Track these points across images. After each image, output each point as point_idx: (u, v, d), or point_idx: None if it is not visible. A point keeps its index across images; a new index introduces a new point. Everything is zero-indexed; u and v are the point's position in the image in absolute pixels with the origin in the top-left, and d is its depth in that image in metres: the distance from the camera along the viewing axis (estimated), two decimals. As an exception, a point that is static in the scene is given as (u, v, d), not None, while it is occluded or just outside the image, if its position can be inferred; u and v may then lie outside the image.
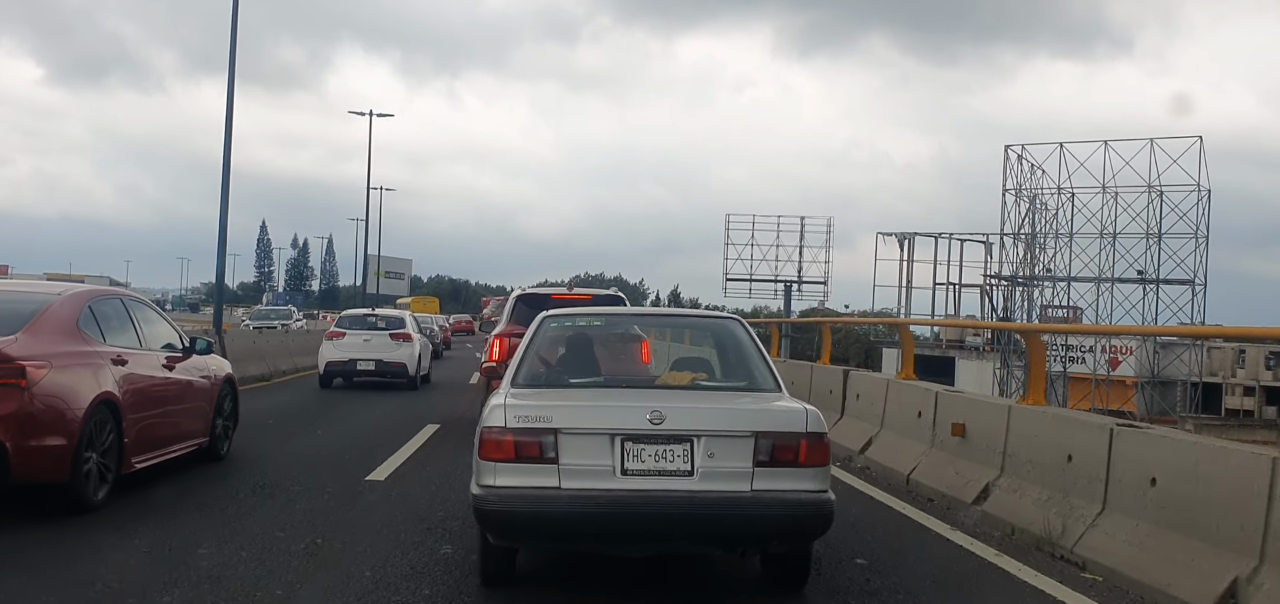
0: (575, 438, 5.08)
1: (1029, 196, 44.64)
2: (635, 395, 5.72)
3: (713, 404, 5.56)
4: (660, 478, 5.05)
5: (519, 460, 5.05)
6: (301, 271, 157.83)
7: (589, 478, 5.04)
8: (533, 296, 12.65)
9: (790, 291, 61.99)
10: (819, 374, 12.84)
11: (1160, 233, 41.88)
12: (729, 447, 5.11)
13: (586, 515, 5.03)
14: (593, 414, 5.31)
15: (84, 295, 8.09)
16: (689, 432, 5.10)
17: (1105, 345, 44.48)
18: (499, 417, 5.14)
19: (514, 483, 5.04)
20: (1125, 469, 6.26)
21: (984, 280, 53.83)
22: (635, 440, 5.08)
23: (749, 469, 5.08)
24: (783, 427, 5.20)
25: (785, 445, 5.12)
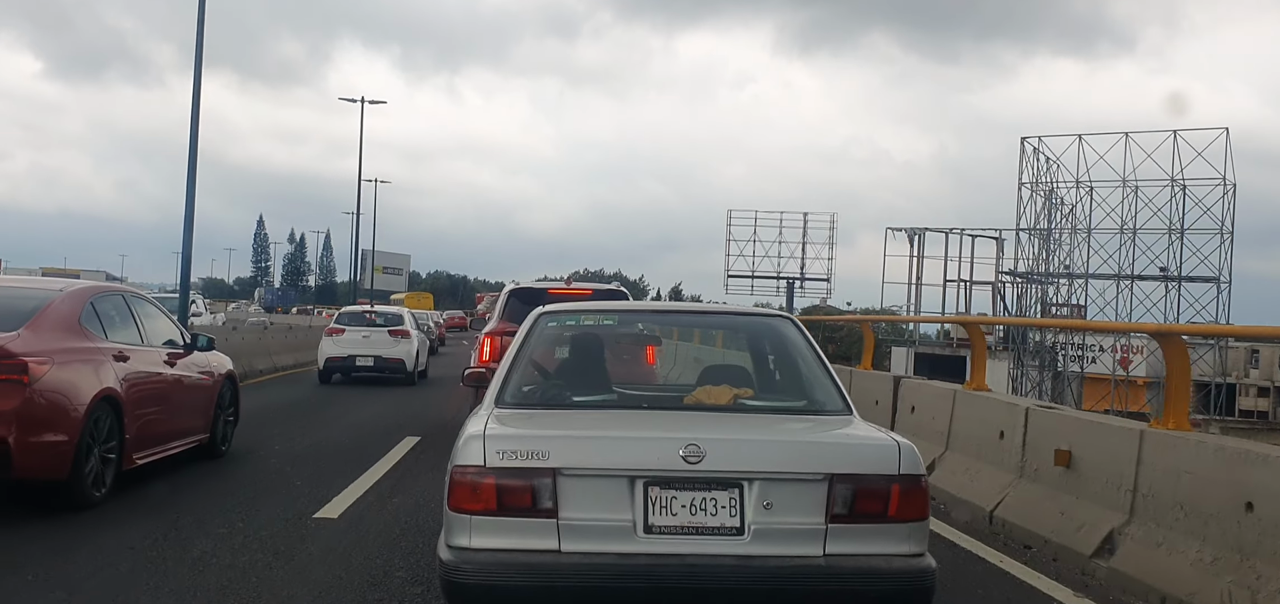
0: (582, 481, 3.79)
1: (1045, 190, 42.93)
2: (661, 421, 4.36)
3: (768, 433, 4.24)
4: (699, 538, 3.76)
5: (504, 512, 3.75)
6: (299, 267, 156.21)
7: (601, 538, 3.75)
8: (527, 291, 11.56)
9: (793, 289, 60.56)
10: (861, 381, 11.03)
11: (1182, 228, 40.19)
12: (793, 494, 3.82)
13: (596, 589, 3.73)
14: (606, 448, 3.95)
15: (86, 292, 8.06)
16: (738, 474, 3.81)
17: (1115, 344, 42.87)
18: (476, 451, 3.83)
19: (497, 544, 3.75)
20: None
21: (996, 277, 52.24)
22: (665, 485, 3.79)
23: (821, 526, 3.81)
24: (867, 466, 3.91)
25: (871, 492, 3.83)
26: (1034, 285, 44.25)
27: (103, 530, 6.44)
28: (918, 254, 51.88)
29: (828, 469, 3.85)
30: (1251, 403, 57.40)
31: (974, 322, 9.74)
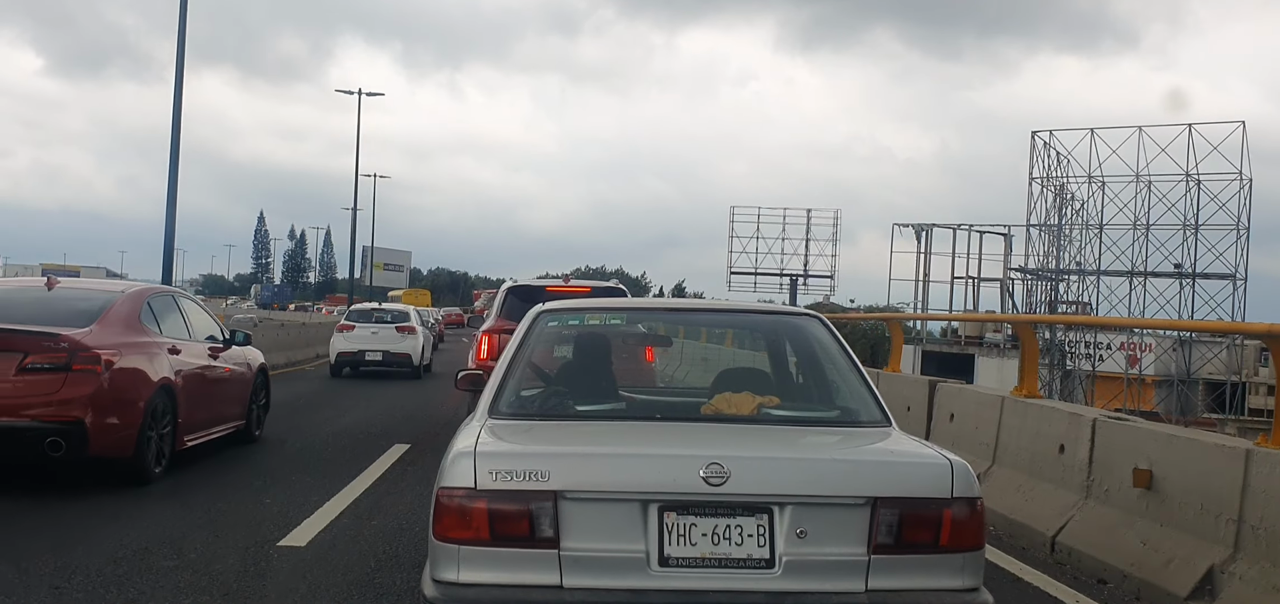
0: (588, 506, 3.29)
1: (1056, 185, 42.03)
2: (677, 434, 3.86)
3: (800, 450, 3.73)
4: (722, 572, 3.27)
5: (498, 542, 3.26)
6: (299, 263, 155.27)
7: (609, 572, 3.26)
8: (526, 289, 11.24)
9: (796, 286, 59.79)
10: (889, 385, 10.09)
11: (1197, 224, 39.27)
12: (831, 521, 3.32)
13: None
14: (615, 466, 3.43)
15: (143, 292, 8.96)
16: (767, 497, 3.31)
17: (1123, 341, 42.01)
18: (466, 470, 3.33)
19: (490, 579, 3.26)
20: None
21: (1004, 274, 51.34)
22: (683, 510, 3.29)
23: (863, 557, 3.30)
24: (916, 489, 3.38)
25: (920, 517, 3.32)
26: (1044, 282, 43.32)
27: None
28: (925, 250, 51.05)
29: (871, 492, 3.35)
30: (1261, 401, 56.57)
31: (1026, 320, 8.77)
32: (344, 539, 6.42)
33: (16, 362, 7.22)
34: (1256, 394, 57.04)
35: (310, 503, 7.40)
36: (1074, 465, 6.62)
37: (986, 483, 7.68)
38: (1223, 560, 5.11)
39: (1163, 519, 5.67)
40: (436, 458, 9.14)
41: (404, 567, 5.77)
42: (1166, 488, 5.68)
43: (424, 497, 7.81)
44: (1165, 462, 5.74)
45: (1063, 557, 6.35)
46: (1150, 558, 5.58)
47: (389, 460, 9.59)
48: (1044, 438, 7.06)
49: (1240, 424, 37.67)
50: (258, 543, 6.20)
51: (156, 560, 5.74)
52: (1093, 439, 6.47)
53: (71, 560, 5.68)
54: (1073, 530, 6.36)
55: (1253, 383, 56.76)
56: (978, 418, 8.09)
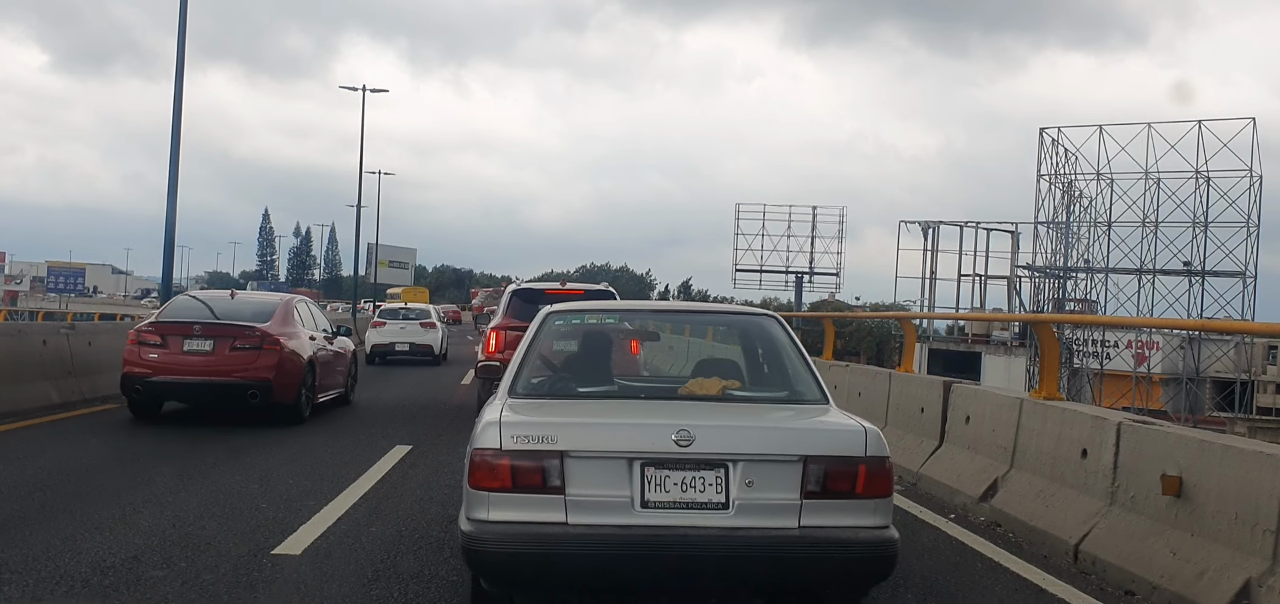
0: (585, 462, 4.21)
1: (1064, 182, 41.68)
2: (657, 409, 4.87)
3: (751, 420, 4.73)
4: (689, 511, 4.20)
5: (517, 490, 4.18)
6: (304, 261, 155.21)
7: (603, 512, 4.18)
8: (528, 291, 12.98)
9: (802, 283, 59.53)
10: (902, 386, 9.85)
11: (1207, 221, 38.92)
12: (772, 473, 4.25)
13: (599, 557, 4.18)
14: (606, 433, 4.37)
15: (292, 299, 13.70)
16: (723, 455, 4.24)
17: (1130, 340, 41.69)
18: (493, 436, 4.24)
19: (511, 517, 4.17)
20: None
21: (1011, 271, 51.04)
22: (659, 465, 4.21)
23: (796, 501, 4.23)
24: (838, 449, 4.33)
25: (840, 472, 4.26)
26: (1051, 279, 42.98)
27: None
28: (931, 248, 50.76)
29: (803, 451, 4.25)
30: (1269, 400, 56.21)
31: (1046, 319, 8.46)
32: (340, 547, 6.18)
33: (229, 344, 11.53)
34: (1265, 392, 56.73)
35: (306, 508, 7.18)
36: (1098, 471, 6.38)
37: (1005, 488, 7.45)
38: (1260, 573, 4.86)
39: (1194, 529, 5.42)
40: (438, 460, 8.91)
41: (402, 577, 5.54)
42: (1198, 496, 5.44)
43: (423, 502, 7.60)
44: (1196, 468, 5.49)
45: (1087, 566, 6.10)
46: (1182, 569, 5.34)
47: (390, 463, 9.36)
48: (1066, 442, 6.81)
49: (1250, 423, 37.35)
50: (251, 551, 5.98)
51: (145, 570, 5.52)
52: (1118, 444, 6.22)
53: (57, 569, 5.47)
54: (1097, 539, 6.12)
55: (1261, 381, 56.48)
56: (995, 421, 7.84)
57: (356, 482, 8.31)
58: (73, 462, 8.90)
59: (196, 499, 7.48)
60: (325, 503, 7.38)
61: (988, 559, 6.48)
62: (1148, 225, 39.88)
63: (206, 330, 11.64)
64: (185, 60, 18.66)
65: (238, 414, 11.69)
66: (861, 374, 11.16)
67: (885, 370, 10.48)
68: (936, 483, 8.39)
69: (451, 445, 10.62)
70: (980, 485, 7.68)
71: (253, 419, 11.53)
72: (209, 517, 6.90)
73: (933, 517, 7.64)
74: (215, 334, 11.58)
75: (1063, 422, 6.94)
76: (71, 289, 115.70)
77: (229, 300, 13.29)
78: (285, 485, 8.11)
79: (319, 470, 8.86)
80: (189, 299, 13.48)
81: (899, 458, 9.32)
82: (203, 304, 12.77)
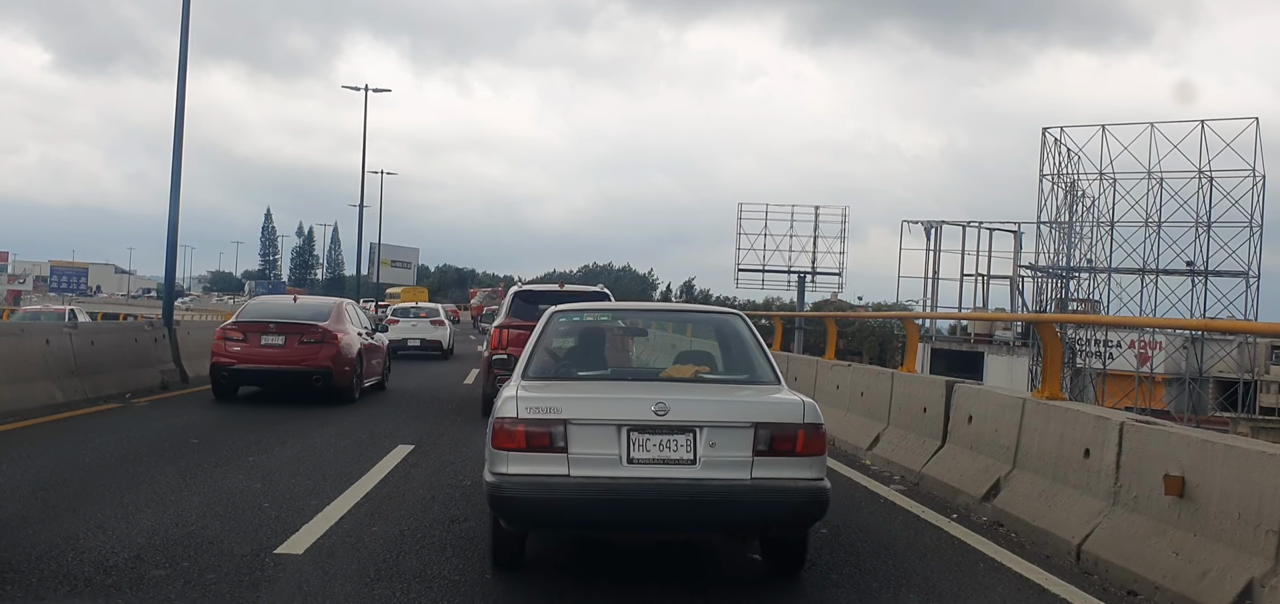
0: (583, 428, 5.19)
1: (1067, 182, 41.63)
2: (641, 388, 5.80)
3: (714, 396, 5.71)
4: (664, 466, 5.15)
5: (530, 450, 5.16)
6: (306, 260, 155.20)
7: (596, 466, 5.15)
8: (528, 293, 14.50)
9: (804, 283, 59.46)
10: (904, 386, 9.85)
11: (1210, 221, 38.86)
12: (730, 437, 5.22)
13: (594, 502, 5.14)
14: (600, 406, 5.35)
15: (343, 302, 16.76)
16: (691, 423, 5.20)
17: (1132, 340, 41.62)
18: (511, 408, 5.24)
19: (525, 471, 5.16)
20: None
21: (1014, 271, 51.00)
22: (640, 430, 5.18)
23: (749, 458, 5.19)
24: (781, 418, 5.32)
25: (783, 436, 5.23)
26: (1054, 279, 42.93)
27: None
28: (934, 247, 50.75)
29: (754, 419, 5.28)
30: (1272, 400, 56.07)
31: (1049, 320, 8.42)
32: (342, 547, 6.19)
33: (297, 338, 14.30)
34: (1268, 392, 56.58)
35: (309, 507, 7.18)
36: (1100, 471, 6.37)
37: (1007, 487, 7.44)
38: (1264, 573, 4.86)
39: (1197, 529, 5.42)
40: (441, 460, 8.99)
41: (404, 577, 5.55)
42: (1201, 496, 5.44)
43: (427, 501, 7.60)
44: (1199, 468, 5.49)
45: (1089, 566, 6.10)
46: (1185, 570, 5.33)
47: (392, 463, 9.36)
48: (1068, 441, 6.81)
49: (1253, 423, 37.29)
50: (253, 551, 5.98)
51: (148, 570, 5.53)
52: (1120, 443, 6.22)
53: (59, 569, 5.47)
54: (1100, 539, 6.11)
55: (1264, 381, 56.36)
56: (997, 420, 7.84)
57: (359, 481, 8.31)
58: (76, 461, 8.91)
59: (199, 499, 7.49)
60: (328, 502, 7.38)
61: (990, 559, 6.48)
62: (1151, 225, 39.83)
63: (279, 327, 14.43)
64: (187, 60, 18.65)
65: (237, 414, 11.58)
66: (864, 374, 11.16)
67: (887, 370, 10.48)
68: (939, 483, 8.39)
69: (454, 444, 10.63)
70: (983, 485, 7.67)
71: (255, 420, 11.50)
72: (211, 516, 6.91)
73: (935, 516, 7.64)
74: (286, 331, 14.39)
75: (1065, 421, 6.93)
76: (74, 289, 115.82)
77: (292, 303, 16.41)
78: (288, 485, 8.11)
79: (322, 470, 8.86)
80: (261, 301, 17.48)
81: (901, 458, 9.33)
82: (274, 306, 16.35)
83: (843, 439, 10.90)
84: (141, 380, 15.06)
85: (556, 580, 5.73)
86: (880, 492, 8.61)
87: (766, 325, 26.42)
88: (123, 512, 6.90)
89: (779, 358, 13.36)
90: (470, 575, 5.65)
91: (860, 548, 6.66)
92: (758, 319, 22.61)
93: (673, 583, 5.76)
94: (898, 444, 9.57)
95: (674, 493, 5.09)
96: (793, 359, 14.54)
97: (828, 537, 6.92)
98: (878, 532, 7.21)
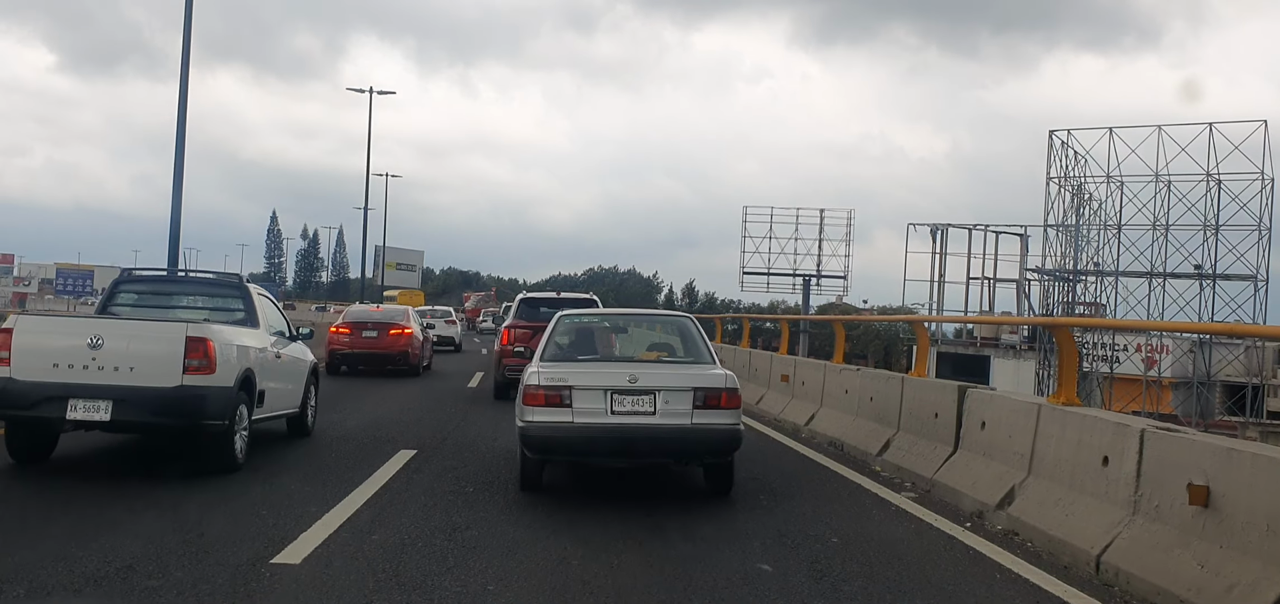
0: (582, 391, 7.75)
1: (1074, 185, 41.38)
2: (620, 366, 8.29)
3: (669, 371, 8.24)
4: (635, 416, 7.71)
5: (547, 406, 7.71)
6: (312, 263, 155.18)
7: (590, 416, 7.70)
8: (533, 300, 17.48)
9: (809, 286, 59.23)
10: (915, 391, 9.67)
11: (1218, 224, 38.59)
12: (678, 397, 7.76)
13: (588, 439, 7.73)
14: (593, 377, 7.91)
15: (409, 308, 24.98)
16: (653, 388, 7.76)
17: (1139, 343, 41.35)
18: (535, 379, 7.84)
19: (544, 418, 7.72)
20: None
21: (1020, 275, 50.75)
22: (619, 393, 7.74)
23: (690, 411, 7.74)
24: (712, 385, 7.85)
25: (713, 396, 7.79)
26: (1061, 283, 42.67)
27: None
28: (940, 250, 50.49)
29: (693, 385, 7.77)
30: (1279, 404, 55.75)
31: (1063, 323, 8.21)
32: (341, 556, 6.03)
33: (385, 332, 21.20)
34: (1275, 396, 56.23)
35: (308, 514, 7.03)
36: (1120, 479, 6.20)
37: (1022, 495, 7.26)
38: (1295, 588, 4.68)
39: (1223, 540, 5.25)
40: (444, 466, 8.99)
41: (405, 587, 5.39)
42: (1227, 506, 5.26)
43: (428, 508, 7.44)
44: (1225, 477, 5.32)
45: (1109, 577, 5.92)
46: (1210, 582, 5.16)
47: (394, 468, 9.20)
48: (1086, 448, 6.63)
49: (1261, 428, 37.03)
50: (249, 560, 5.82)
51: (140, 579, 5.38)
52: (1141, 451, 6.04)
53: (51, 579, 5.32)
54: (1120, 549, 5.94)
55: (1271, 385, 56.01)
56: (1011, 427, 7.67)
57: (360, 487, 8.16)
58: (70, 464, 8.76)
59: (197, 504, 7.34)
60: (327, 509, 7.23)
61: (1006, 570, 6.30)
62: (1158, 228, 39.56)
63: (374, 325, 21.70)
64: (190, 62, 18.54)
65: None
66: (874, 378, 10.98)
67: (898, 375, 10.29)
68: (951, 490, 8.22)
69: (457, 451, 10.47)
70: (997, 493, 7.50)
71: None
72: (209, 523, 6.76)
73: (948, 525, 7.46)
74: (378, 327, 21.64)
75: (1083, 428, 6.76)
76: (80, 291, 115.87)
77: (376, 311, 23.75)
78: (288, 491, 7.97)
79: (322, 475, 8.71)
80: (355, 309, 24.83)
81: (913, 464, 9.15)
82: (365, 312, 23.48)
83: (852, 444, 10.72)
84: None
85: (557, 578, 5.57)
86: (891, 499, 8.44)
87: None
88: (118, 517, 6.74)
89: (785, 360, 13.18)
90: (472, 587, 5.49)
91: (872, 557, 6.49)
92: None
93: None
94: (909, 450, 9.40)
95: (641, 433, 7.67)
96: (799, 363, 14.36)
97: (839, 545, 6.75)
98: (889, 540, 7.04)
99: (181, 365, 8.09)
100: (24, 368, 7.92)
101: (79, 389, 7.88)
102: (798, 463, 10.48)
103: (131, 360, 8.06)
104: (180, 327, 8.32)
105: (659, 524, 7.22)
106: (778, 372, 15.00)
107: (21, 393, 7.89)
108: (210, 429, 8.33)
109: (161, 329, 8.39)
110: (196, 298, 10.54)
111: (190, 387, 8.10)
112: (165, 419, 8.17)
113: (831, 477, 9.60)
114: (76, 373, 7.94)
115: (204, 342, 8.20)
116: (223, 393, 8.35)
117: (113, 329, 8.31)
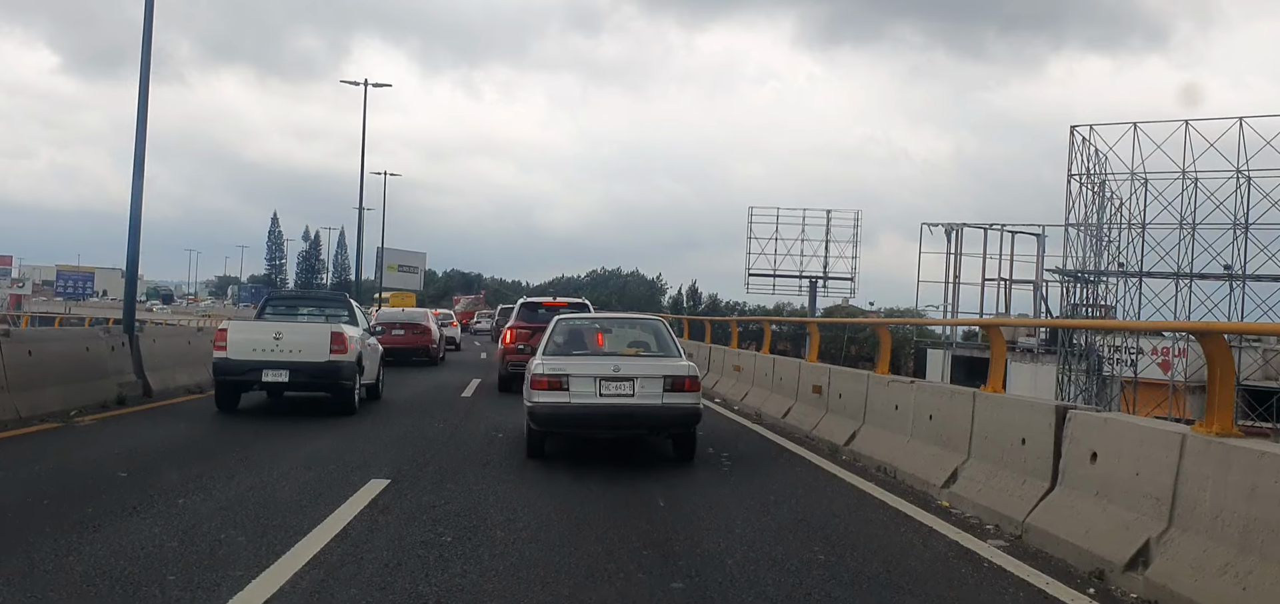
0: (577, 378, 9.71)
1: (1096, 182, 39.68)
2: (607, 359, 10.31)
3: (645, 362, 10.29)
4: (619, 397, 9.68)
5: (549, 390, 9.68)
6: (313, 264, 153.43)
7: (584, 397, 9.66)
8: (532, 304, 20.15)
9: (816, 288, 57.65)
10: (991, 410, 7.96)
11: (1248, 222, 36.88)
12: (652, 382, 9.74)
13: (583, 414, 9.70)
14: (586, 368, 9.90)
15: (429, 310, 36.44)
16: (632, 376, 9.76)
17: (1154, 347, 39.72)
18: (540, 369, 9.85)
19: (547, 400, 9.69)
20: None
21: (1037, 275, 49.09)
22: (607, 380, 9.71)
23: (661, 393, 9.72)
24: (678, 373, 9.88)
25: (679, 382, 9.79)
26: (1081, 284, 40.96)
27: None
28: (955, 251, 48.84)
29: (664, 374, 9.87)
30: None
31: (1216, 329, 6.33)
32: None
33: (412, 330, 27.76)
34: (1304, 400, 54.47)
35: (230, 578, 5.35)
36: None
37: (1163, 555, 5.56)
38: None
39: None
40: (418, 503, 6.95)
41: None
42: None
43: (392, 567, 5.70)
44: None
45: None
46: None
47: (359, 504, 7.54)
48: (1264, 499, 4.94)
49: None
50: None
51: None
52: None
53: None
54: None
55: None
56: (1140, 460, 5.96)
57: (311, 534, 6.48)
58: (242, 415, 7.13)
59: (85, 567, 5.63)
60: (261, 569, 5.55)
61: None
62: (1185, 227, 37.89)
63: (402, 324, 27.02)
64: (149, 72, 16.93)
65: (199, 433, 9.75)
66: (934, 393, 9.24)
67: (968, 389, 8.55)
68: (1052, 539, 6.51)
69: (437, 479, 8.81)
70: (1124, 549, 5.79)
71: (217, 442, 9.69)
72: (89, 595, 5.07)
73: (1061, 589, 5.74)
74: (406, 326, 27.14)
75: (1258, 471, 5.06)
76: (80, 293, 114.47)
77: (403, 312, 30.45)
78: (214, 540, 6.27)
79: (267, 516, 7.02)
80: (386, 312, 31.11)
81: (992, 501, 7.47)
82: (394, 314, 29.40)
83: (908, 471, 9.04)
84: (93, 394, 13.29)
85: None
86: (975, 547, 6.73)
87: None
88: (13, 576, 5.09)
89: (816, 369, 11.58)
90: None
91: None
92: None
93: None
94: (985, 484, 7.71)
95: (623, 410, 9.67)
96: (834, 372, 12.61)
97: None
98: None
99: (329, 348, 13.37)
100: (236, 350, 13.25)
101: (269, 364, 13.17)
102: (846, 495, 8.77)
103: (299, 346, 13.35)
104: (326, 325, 13.89)
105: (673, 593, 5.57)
106: (807, 381, 13.30)
107: (235, 365, 13.28)
108: (344, 387, 13.51)
109: (316, 327, 13.91)
110: (317, 307, 16.26)
111: (334, 361, 13.35)
112: (319, 380, 13.41)
113: (893, 515, 7.85)
114: (266, 353, 13.22)
115: (341, 333, 13.60)
116: (350, 365, 13.60)
117: (288, 328, 13.80)
